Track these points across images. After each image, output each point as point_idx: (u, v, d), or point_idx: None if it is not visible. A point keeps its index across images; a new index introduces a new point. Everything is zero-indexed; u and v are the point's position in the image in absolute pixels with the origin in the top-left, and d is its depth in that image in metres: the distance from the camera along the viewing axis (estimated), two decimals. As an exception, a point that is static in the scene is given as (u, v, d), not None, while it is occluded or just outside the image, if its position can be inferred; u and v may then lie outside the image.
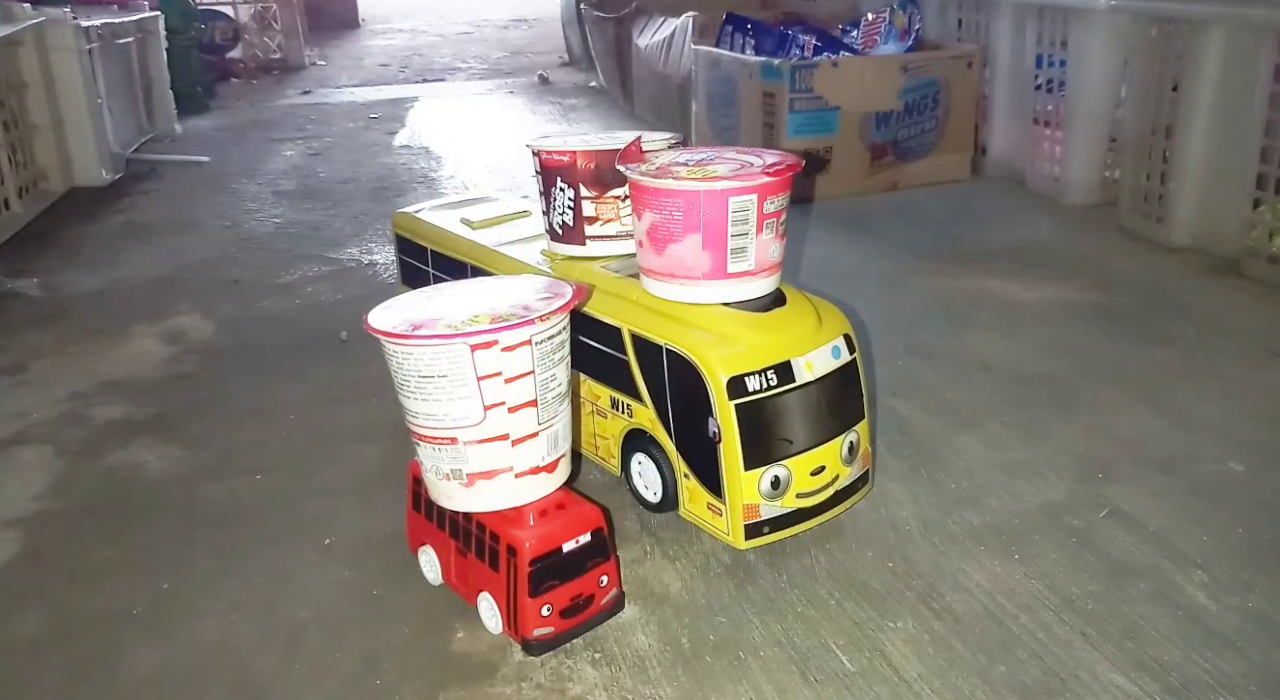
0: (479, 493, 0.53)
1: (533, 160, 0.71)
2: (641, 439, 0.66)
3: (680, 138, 0.71)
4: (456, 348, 0.49)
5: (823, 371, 0.61)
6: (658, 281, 0.64)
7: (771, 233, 0.62)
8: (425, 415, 0.52)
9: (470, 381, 0.50)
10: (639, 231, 0.63)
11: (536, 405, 0.52)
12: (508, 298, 0.53)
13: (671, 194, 0.60)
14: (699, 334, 0.61)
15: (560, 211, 0.70)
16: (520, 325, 0.50)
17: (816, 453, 0.61)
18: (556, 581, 0.54)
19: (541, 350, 0.51)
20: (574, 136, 0.72)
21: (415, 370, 0.50)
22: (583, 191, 0.68)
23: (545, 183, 0.70)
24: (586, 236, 0.70)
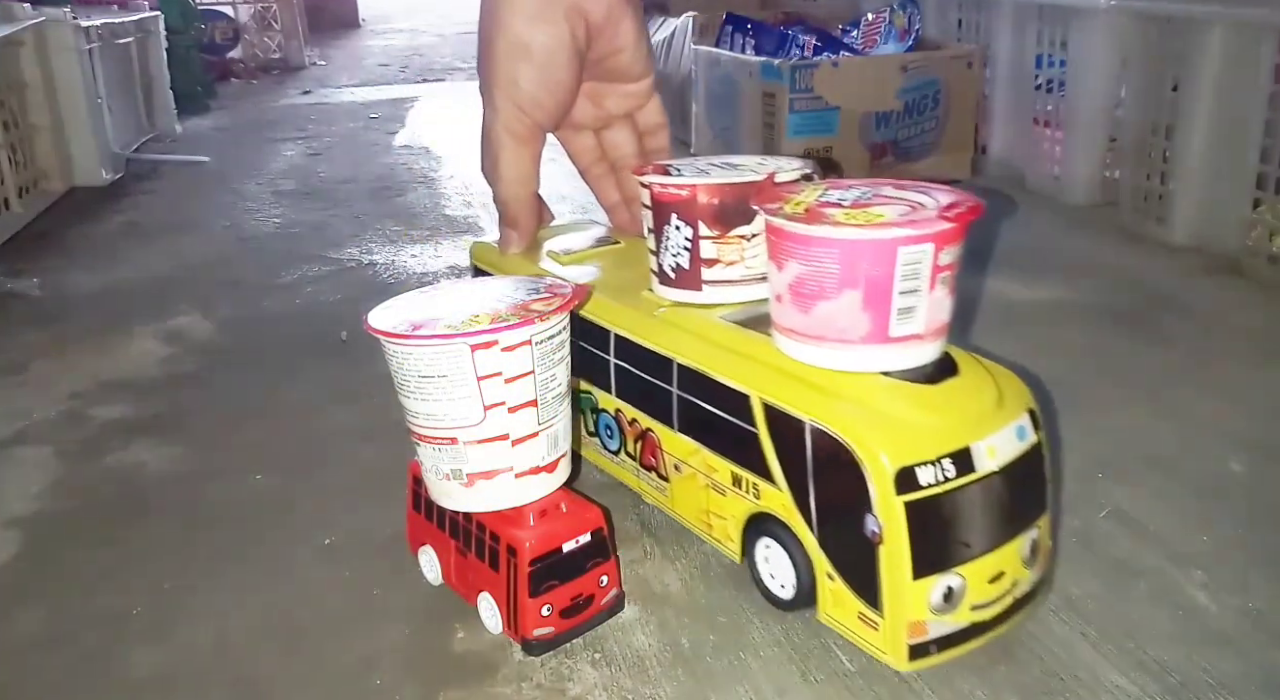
0: (479, 493, 0.53)
1: (642, 193, 0.62)
2: (771, 523, 0.56)
3: (813, 167, 0.60)
4: (456, 348, 0.49)
5: (1006, 458, 0.50)
6: (800, 343, 0.53)
7: (945, 288, 0.51)
8: (425, 415, 0.51)
9: (470, 381, 0.50)
10: (778, 284, 0.52)
11: (536, 405, 0.52)
12: (507, 298, 0.53)
13: (826, 243, 0.49)
14: (854, 410, 0.50)
15: (674, 252, 0.60)
16: (520, 325, 0.49)
17: (995, 556, 0.50)
18: (556, 581, 0.54)
19: (541, 350, 0.51)
20: (689, 166, 0.62)
21: (415, 370, 0.50)
22: (702, 230, 0.58)
23: (657, 219, 0.60)
24: (704, 281, 0.60)
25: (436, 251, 1.33)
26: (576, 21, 0.62)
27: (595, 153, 0.77)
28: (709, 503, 0.60)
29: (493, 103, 0.65)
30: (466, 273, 1.23)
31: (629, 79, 0.70)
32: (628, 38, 0.66)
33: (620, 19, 0.65)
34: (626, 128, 0.75)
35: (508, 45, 0.62)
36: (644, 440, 0.64)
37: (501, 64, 0.63)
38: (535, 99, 0.64)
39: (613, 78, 0.70)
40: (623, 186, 0.77)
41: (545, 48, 0.62)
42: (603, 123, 0.74)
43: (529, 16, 0.61)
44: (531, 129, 0.66)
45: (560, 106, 0.66)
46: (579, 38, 0.63)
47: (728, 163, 0.62)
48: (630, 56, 0.68)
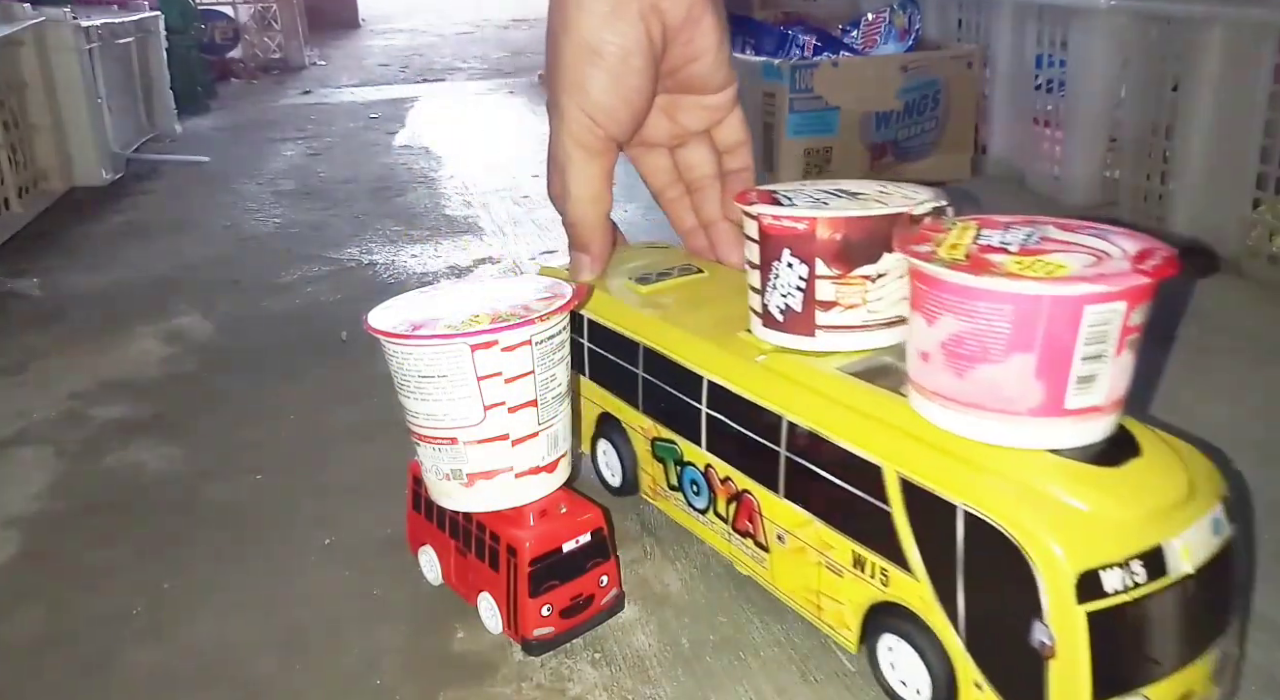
0: (479, 493, 0.53)
1: (745, 223, 0.54)
2: (899, 617, 0.47)
3: (947, 200, 0.53)
4: (456, 348, 0.49)
5: (1201, 558, 0.42)
6: (952, 410, 0.44)
7: (1131, 353, 0.44)
8: (425, 415, 0.51)
9: (470, 381, 0.50)
10: (925, 340, 0.44)
11: (536, 405, 0.52)
12: (507, 298, 0.53)
13: (996, 297, 0.41)
14: (1022, 496, 0.41)
15: (783, 292, 0.52)
16: (520, 325, 0.49)
17: (1185, 673, 0.42)
18: (556, 581, 0.54)
19: (541, 350, 0.51)
20: (798, 193, 0.54)
21: (415, 370, 0.50)
22: (820, 269, 0.51)
23: (765, 254, 0.53)
24: (818, 326, 0.52)
25: (436, 251, 1.33)
26: (653, 22, 0.57)
27: (670, 173, 0.70)
28: (820, 582, 0.52)
29: (560, 112, 0.59)
30: (465, 274, 1.24)
31: (708, 90, 0.64)
32: (708, 41, 0.60)
33: (700, 18, 0.59)
34: (704, 145, 0.68)
35: (577, 48, 0.57)
36: (740, 503, 0.56)
37: (570, 69, 0.58)
38: (607, 108, 0.58)
39: (690, 88, 0.63)
40: (699, 209, 0.70)
41: (618, 50, 0.56)
42: (678, 140, 0.68)
43: (601, 16, 0.56)
44: (603, 141, 0.60)
45: (635, 117, 0.60)
46: (655, 40, 0.57)
47: (842, 190, 0.54)
48: (710, 63, 0.62)
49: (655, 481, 0.64)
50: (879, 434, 0.47)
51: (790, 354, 0.53)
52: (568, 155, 0.60)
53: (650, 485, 0.65)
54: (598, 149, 0.60)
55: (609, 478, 0.70)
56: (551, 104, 0.60)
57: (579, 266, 0.66)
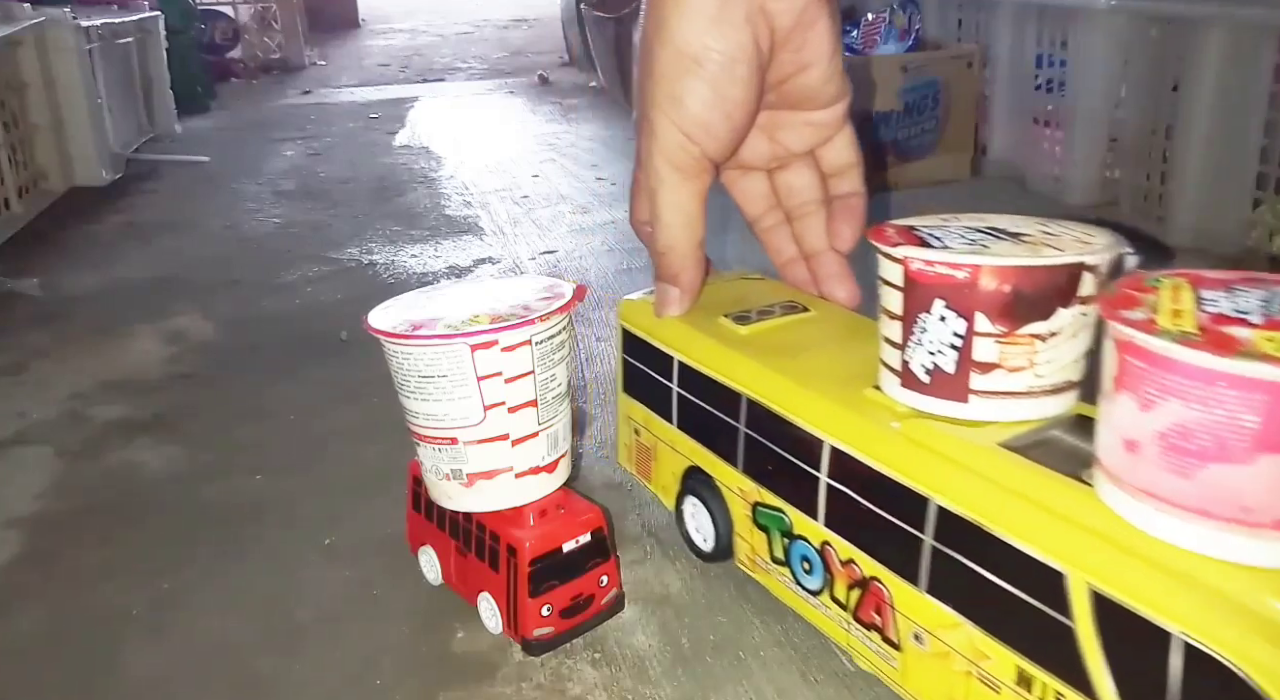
0: (479, 493, 0.53)
1: (883, 266, 0.46)
2: None
3: (1129, 248, 0.44)
4: (456, 348, 0.49)
5: None
6: (1170, 516, 0.36)
7: None
8: (425, 415, 0.51)
9: (470, 381, 0.50)
10: (1134, 426, 0.37)
11: (536, 405, 0.52)
12: (507, 298, 0.53)
13: (1243, 384, 0.33)
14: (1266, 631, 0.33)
15: (931, 348, 0.45)
16: (520, 325, 0.49)
17: None
18: (556, 581, 0.54)
19: (541, 350, 0.51)
20: (944, 230, 0.46)
21: (415, 370, 0.50)
22: (982, 325, 0.43)
23: (911, 304, 0.45)
24: (972, 390, 0.44)
25: (436, 251, 1.33)
26: (761, 26, 0.50)
27: (768, 199, 0.63)
28: (969, 695, 0.44)
29: (651, 128, 0.53)
30: (465, 274, 1.24)
31: (816, 104, 0.57)
32: (820, 49, 0.53)
33: (814, 23, 0.52)
34: (808, 167, 0.61)
35: (674, 57, 0.50)
36: (865, 590, 0.49)
37: (665, 81, 0.51)
38: (706, 123, 0.52)
39: (796, 103, 0.56)
40: (801, 239, 0.63)
41: (722, 58, 0.50)
42: (778, 162, 0.61)
43: (703, 20, 0.49)
44: (700, 161, 0.53)
45: (735, 133, 0.53)
46: (763, 48, 0.51)
47: (995, 228, 0.46)
48: (822, 74, 0.55)
49: (755, 551, 0.56)
50: (1062, 532, 0.39)
51: (936, 422, 0.45)
52: (659, 177, 0.54)
53: (748, 555, 0.57)
54: (693, 170, 0.54)
55: (699, 541, 0.62)
56: (641, 120, 0.54)
57: (666, 300, 0.59)
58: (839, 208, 0.61)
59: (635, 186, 0.58)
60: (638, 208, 0.58)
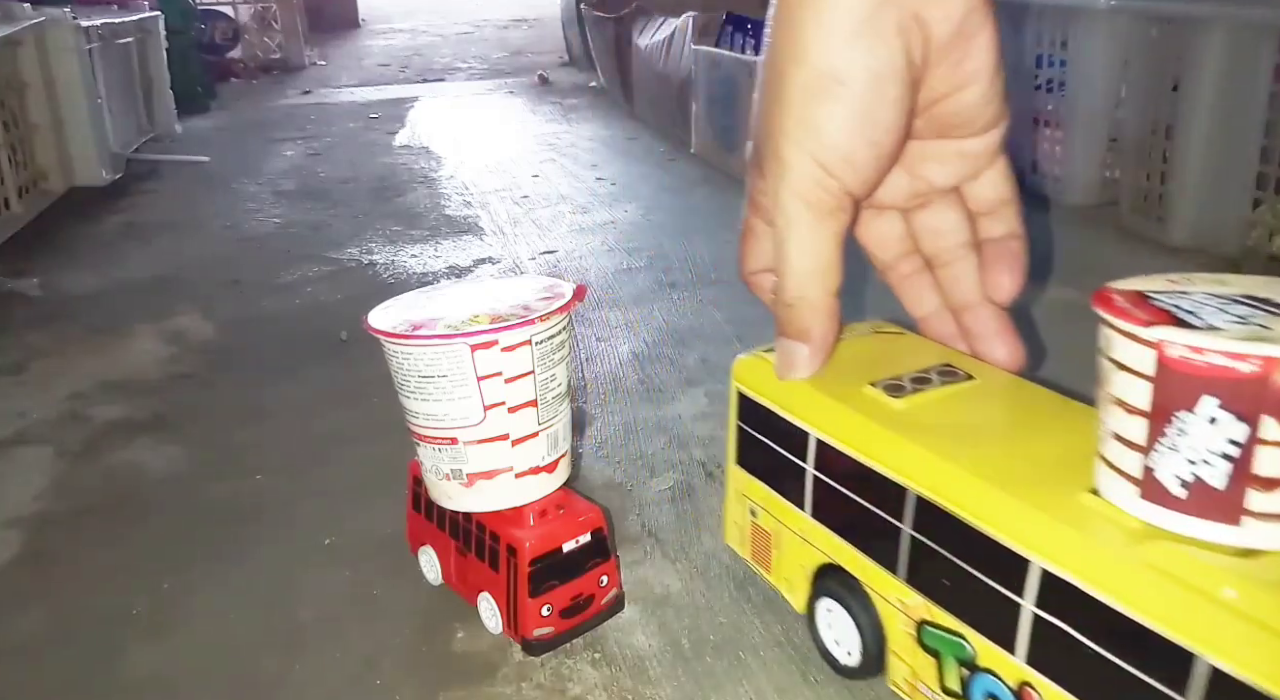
0: (479, 493, 0.53)
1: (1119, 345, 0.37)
2: None
3: None
4: (456, 348, 0.49)
5: None
6: None
7: None
8: (425, 415, 0.51)
9: (470, 382, 0.50)
10: None
11: (536, 405, 0.52)
12: (507, 298, 0.52)
13: None
14: None
15: (1194, 455, 0.35)
16: (520, 325, 0.49)
17: None
18: (556, 581, 0.54)
19: (541, 350, 0.51)
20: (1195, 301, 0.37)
21: (415, 370, 0.50)
22: (1270, 431, 0.34)
23: (1164, 398, 0.36)
24: (1248, 511, 0.35)
25: (436, 251, 1.33)
26: (914, 38, 0.43)
27: (904, 242, 0.54)
28: None
29: (780, 161, 0.45)
30: (465, 274, 1.24)
31: (970, 130, 0.48)
32: (981, 62, 0.46)
33: (976, 33, 0.45)
34: (953, 206, 0.51)
35: (811, 78, 0.43)
36: None
37: (797, 107, 0.44)
38: (847, 152, 0.43)
39: (945, 130, 0.48)
40: (948, 289, 0.53)
41: (868, 76, 0.42)
42: (919, 199, 0.51)
43: (847, 32, 0.42)
44: (839, 198, 0.45)
45: (880, 164, 0.45)
46: (916, 62, 0.43)
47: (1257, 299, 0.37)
48: (981, 94, 0.47)
49: (917, 676, 0.46)
50: None
51: (1185, 545, 0.36)
52: (790, 217, 0.45)
53: (907, 679, 0.47)
54: (830, 207, 0.45)
55: (839, 655, 0.51)
56: (765, 155, 0.46)
57: (792, 359, 0.50)
58: (994, 252, 0.51)
59: (746, 233, 0.50)
60: (750, 254, 0.51)
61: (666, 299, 1.11)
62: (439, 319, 0.50)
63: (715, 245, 1.30)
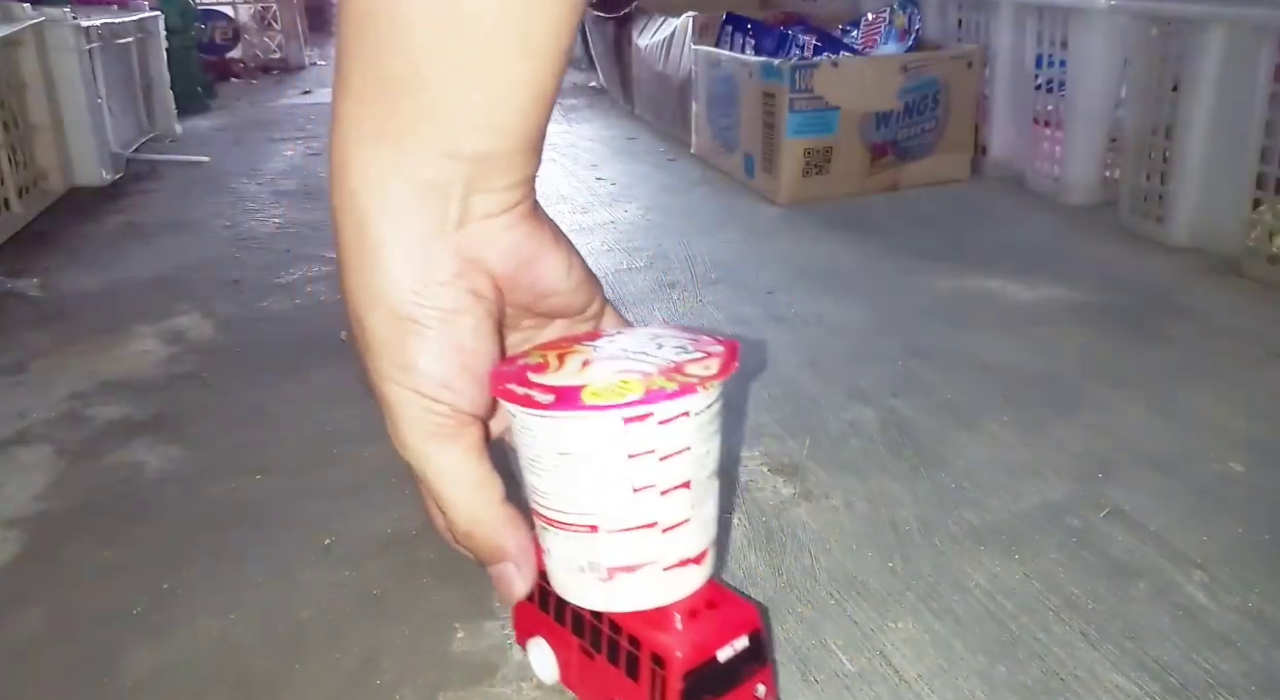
0: (619, 589, 0.44)
1: None
2: None
3: None
4: (607, 420, 0.40)
5: None
6: None
7: None
8: (559, 496, 0.43)
9: (619, 460, 0.41)
10: None
11: (690, 486, 0.43)
12: (649, 355, 0.44)
13: None
14: None
15: None
16: (680, 394, 0.40)
17: None
18: (710, 696, 0.45)
19: (700, 421, 0.42)
20: None
21: (553, 446, 0.42)
22: None
23: None
24: None
25: (436, 251, 1.32)
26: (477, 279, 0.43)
27: None
28: None
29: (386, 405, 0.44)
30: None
31: (571, 313, 0.49)
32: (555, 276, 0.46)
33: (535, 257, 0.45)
34: None
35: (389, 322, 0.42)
36: None
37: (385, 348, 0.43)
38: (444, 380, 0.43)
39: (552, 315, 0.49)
40: None
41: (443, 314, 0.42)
42: None
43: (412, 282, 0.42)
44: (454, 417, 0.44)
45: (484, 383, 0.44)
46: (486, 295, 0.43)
47: None
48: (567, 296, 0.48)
49: None
50: None
51: None
52: (417, 454, 0.44)
53: None
54: (451, 429, 0.44)
55: None
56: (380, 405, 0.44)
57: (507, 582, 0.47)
58: None
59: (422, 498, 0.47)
60: (433, 513, 0.47)
61: (666, 299, 1.11)
62: (583, 384, 0.41)
63: (715, 245, 1.30)
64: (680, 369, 0.42)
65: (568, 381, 0.41)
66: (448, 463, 0.44)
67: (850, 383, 0.88)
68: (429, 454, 0.44)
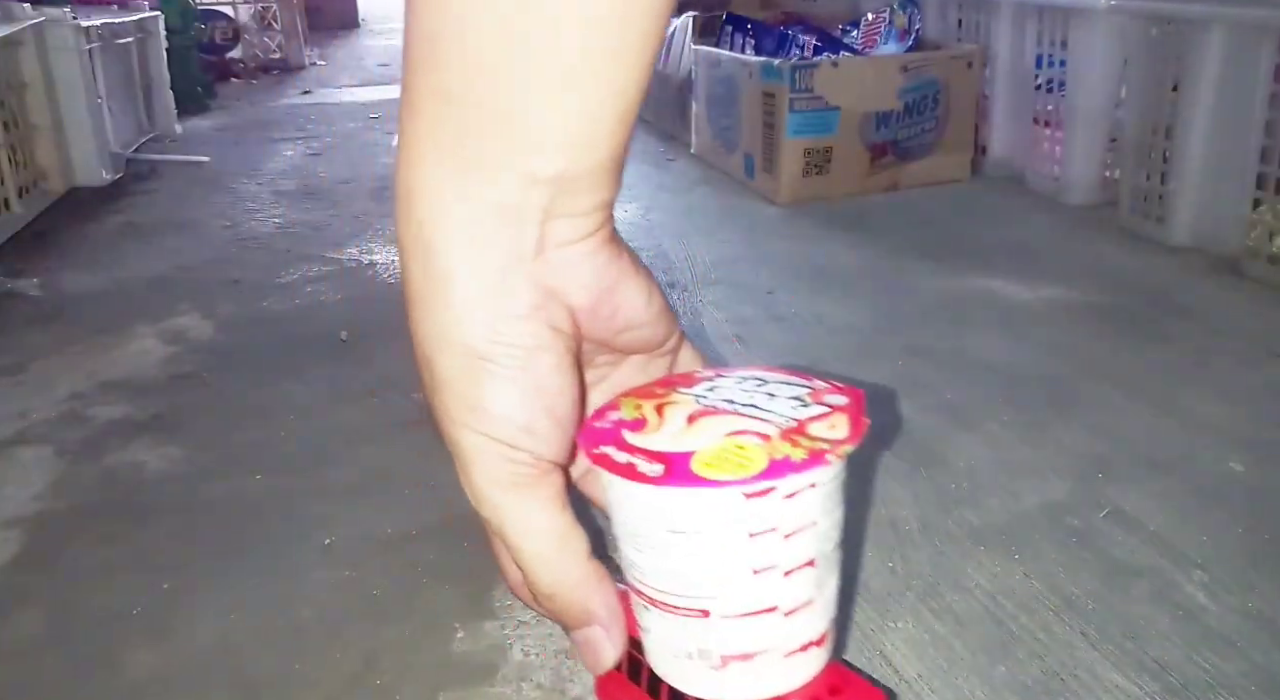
0: (732, 678, 0.38)
1: None
2: None
3: None
4: (726, 497, 0.34)
5: None
6: None
7: None
8: (665, 576, 0.37)
9: (739, 540, 0.35)
10: None
11: (815, 564, 0.37)
12: (762, 409, 0.38)
13: None
14: None
15: None
16: (810, 464, 0.34)
17: None
18: None
19: (828, 490, 0.36)
20: None
21: (661, 522, 0.36)
22: None
23: None
24: None
25: (436, 251, 1.32)
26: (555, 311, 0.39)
27: None
28: None
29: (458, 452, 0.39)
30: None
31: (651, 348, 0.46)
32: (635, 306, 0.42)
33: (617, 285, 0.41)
34: None
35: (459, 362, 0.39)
36: None
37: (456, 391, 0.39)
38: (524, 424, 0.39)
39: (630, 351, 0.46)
40: None
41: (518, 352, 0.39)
42: None
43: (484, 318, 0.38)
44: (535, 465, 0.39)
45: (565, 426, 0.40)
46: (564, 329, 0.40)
47: None
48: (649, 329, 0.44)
49: None
50: None
51: None
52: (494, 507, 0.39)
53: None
54: (531, 478, 0.40)
55: None
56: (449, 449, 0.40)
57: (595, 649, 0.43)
58: None
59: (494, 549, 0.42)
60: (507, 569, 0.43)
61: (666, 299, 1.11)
62: (692, 450, 0.35)
63: (715, 245, 1.30)
64: (803, 429, 0.35)
65: (675, 446, 0.35)
66: (528, 516, 0.40)
67: (850, 383, 0.88)
68: (506, 506, 0.39)
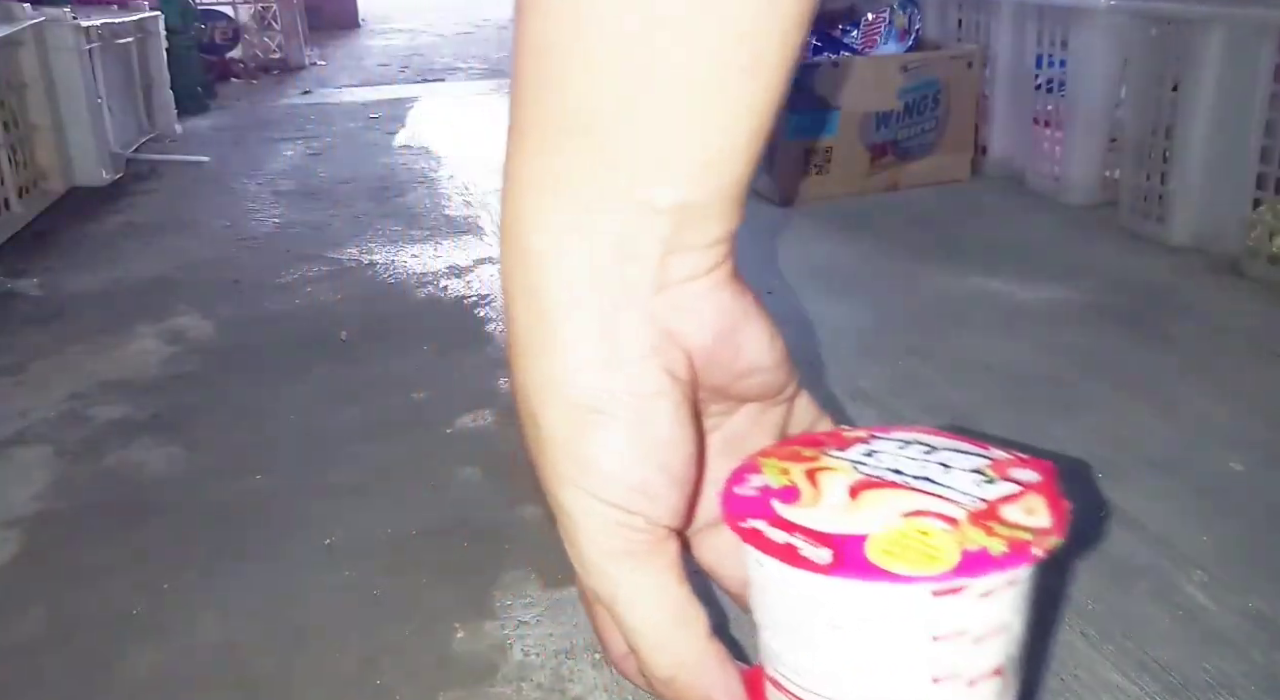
0: None
1: None
2: None
3: None
4: (910, 594, 0.28)
5: None
6: None
7: None
8: (822, 678, 0.31)
9: (920, 642, 0.29)
10: None
11: (1003, 674, 0.30)
12: (936, 482, 0.32)
13: None
14: None
15: None
16: (1013, 561, 0.28)
17: None
18: None
19: (1023, 590, 0.30)
20: None
21: (826, 617, 0.30)
22: None
23: None
24: None
25: (437, 251, 1.32)
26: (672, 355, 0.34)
27: None
28: None
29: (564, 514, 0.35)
30: (466, 274, 1.24)
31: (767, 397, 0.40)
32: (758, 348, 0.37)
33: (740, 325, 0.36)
34: None
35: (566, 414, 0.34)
36: None
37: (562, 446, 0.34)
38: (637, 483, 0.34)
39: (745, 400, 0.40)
40: None
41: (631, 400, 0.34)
42: None
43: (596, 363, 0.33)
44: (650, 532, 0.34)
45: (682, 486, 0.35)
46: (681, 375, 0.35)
47: None
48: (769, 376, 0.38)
49: None
50: None
51: None
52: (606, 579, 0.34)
53: None
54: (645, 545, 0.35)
55: None
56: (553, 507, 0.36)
57: None
58: None
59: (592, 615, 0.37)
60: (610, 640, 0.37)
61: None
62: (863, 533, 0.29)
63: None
64: (995, 513, 0.29)
65: (841, 526, 0.29)
66: (643, 588, 0.35)
67: (850, 383, 0.88)
68: (619, 577, 0.34)
